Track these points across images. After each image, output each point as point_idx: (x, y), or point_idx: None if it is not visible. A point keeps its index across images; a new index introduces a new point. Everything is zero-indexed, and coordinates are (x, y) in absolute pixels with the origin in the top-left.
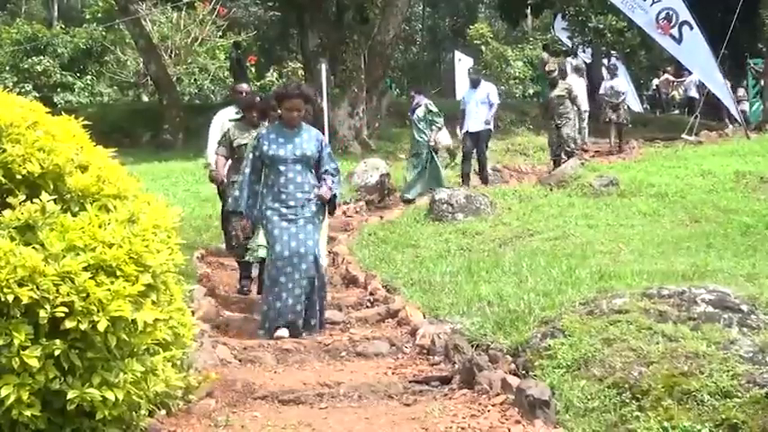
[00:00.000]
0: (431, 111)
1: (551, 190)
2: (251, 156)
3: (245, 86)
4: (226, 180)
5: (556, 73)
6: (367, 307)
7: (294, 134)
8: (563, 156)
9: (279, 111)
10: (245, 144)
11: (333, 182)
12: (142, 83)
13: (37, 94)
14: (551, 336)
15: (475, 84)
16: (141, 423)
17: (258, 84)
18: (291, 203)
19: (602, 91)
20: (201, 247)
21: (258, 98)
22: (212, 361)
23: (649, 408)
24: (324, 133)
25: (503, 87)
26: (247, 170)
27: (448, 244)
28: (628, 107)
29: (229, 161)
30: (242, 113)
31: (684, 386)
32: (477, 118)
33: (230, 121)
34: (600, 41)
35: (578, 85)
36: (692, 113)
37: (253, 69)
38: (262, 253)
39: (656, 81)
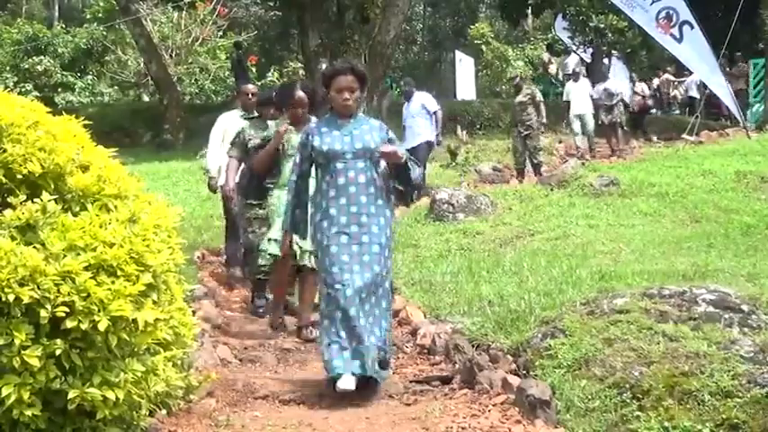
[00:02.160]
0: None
1: (552, 190)
2: (297, 158)
3: (251, 87)
4: (233, 189)
5: (518, 79)
6: None
7: (351, 125)
8: (530, 167)
9: (327, 95)
10: (261, 146)
11: (416, 164)
12: (143, 83)
13: (38, 94)
14: (552, 336)
15: (408, 96)
16: (142, 423)
17: (259, 84)
18: (354, 210)
19: (595, 95)
20: (203, 246)
21: (274, 92)
22: (213, 361)
23: (650, 408)
24: None
25: (504, 87)
26: (294, 177)
27: (448, 244)
28: (623, 107)
29: (242, 166)
30: (254, 114)
31: (685, 386)
32: (412, 132)
33: (244, 119)
34: (601, 41)
35: (576, 90)
36: (692, 113)
37: (254, 69)
38: (274, 249)
39: (656, 81)
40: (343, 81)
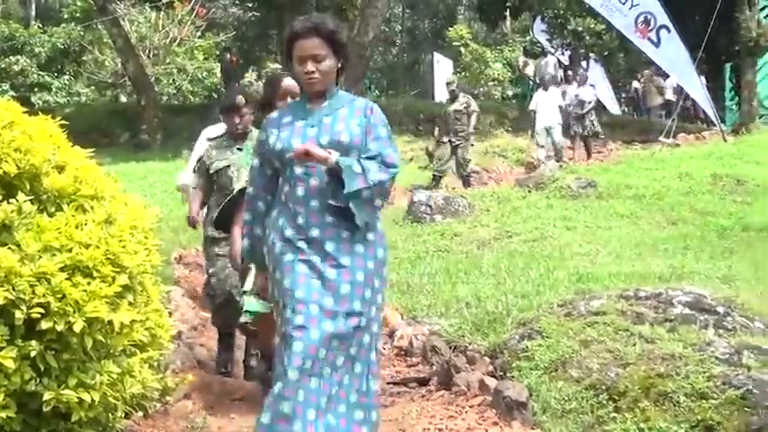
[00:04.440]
0: None
1: (530, 192)
2: (255, 162)
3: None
4: (196, 223)
5: (454, 86)
6: None
7: (323, 110)
8: (461, 178)
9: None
10: (227, 167)
11: (365, 167)
12: (120, 83)
13: (14, 94)
14: (529, 337)
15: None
16: (118, 425)
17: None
18: (315, 234)
19: (567, 101)
20: (180, 248)
21: (235, 96)
22: (189, 362)
23: (626, 409)
24: None
25: (482, 89)
26: (251, 189)
27: (426, 245)
28: (595, 117)
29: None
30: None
31: (661, 387)
32: None
33: (208, 140)
34: (578, 44)
35: (544, 100)
36: (669, 116)
37: (234, 70)
38: (253, 305)
39: (635, 84)
40: (304, 47)
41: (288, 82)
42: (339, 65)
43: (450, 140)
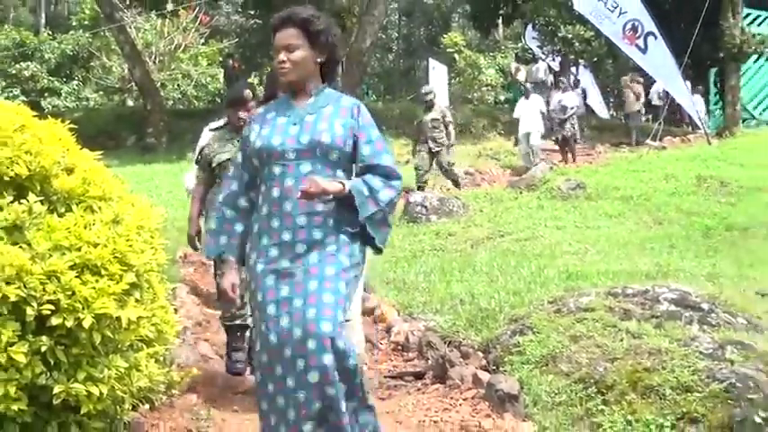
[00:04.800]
0: None
1: (521, 193)
2: (239, 157)
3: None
4: (198, 220)
5: (431, 96)
6: None
7: (307, 107)
8: (451, 181)
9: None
10: (228, 159)
11: (373, 187)
12: (127, 88)
13: (25, 99)
14: (521, 333)
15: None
16: (125, 417)
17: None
18: (287, 238)
19: (551, 106)
20: (185, 247)
21: (243, 89)
22: (194, 357)
23: (614, 402)
24: None
25: (475, 94)
26: (233, 185)
27: (422, 244)
28: (576, 122)
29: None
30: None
31: (647, 381)
32: None
33: (211, 130)
34: (568, 50)
35: (526, 108)
36: (656, 120)
37: (237, 76)
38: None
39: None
40: (279, 37)
41: None
42: (321, 59)
43: (429, 148)
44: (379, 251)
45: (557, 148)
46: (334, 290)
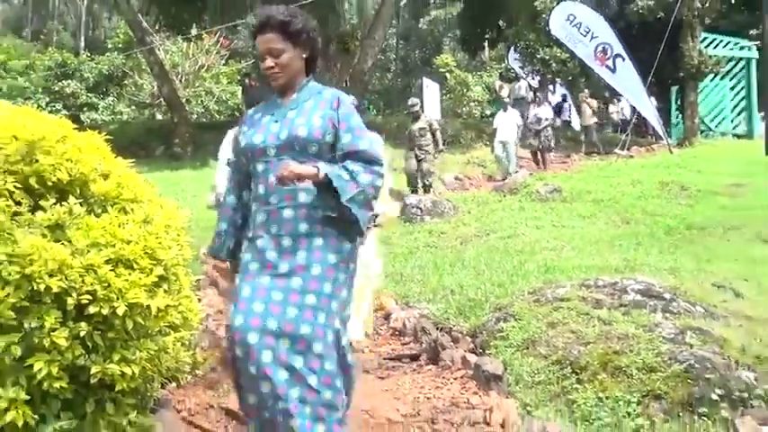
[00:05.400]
0: None
1: (505, 196)
2: (232, 158)
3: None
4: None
5: (417, 107)
6: None
7: (290, 104)
8: (420, 189)
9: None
10: None
11: (352, 171)
12: (156, 103)
13: (66, 113)
14: (504, 320)
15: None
16: (155, 393)
17: None
18: (274, 231)
19: (528, 119)
20: (206, 244)
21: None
22: (215, 341)
23: (587, 381)
24: None
25: (464, 109)
26: (230, 185)
27: (417, 242)
28: (551, 132)
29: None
30: None
31: (616, 362)
32: None
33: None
34: (546, 70)
35: (504, 120)
36: (623, 132)
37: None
38: None
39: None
40: (261, 42)
41: None
42: (305, 55)
43: (415, 155)
44: (359, 236)
45: (530, 156)
46: (318, 291)
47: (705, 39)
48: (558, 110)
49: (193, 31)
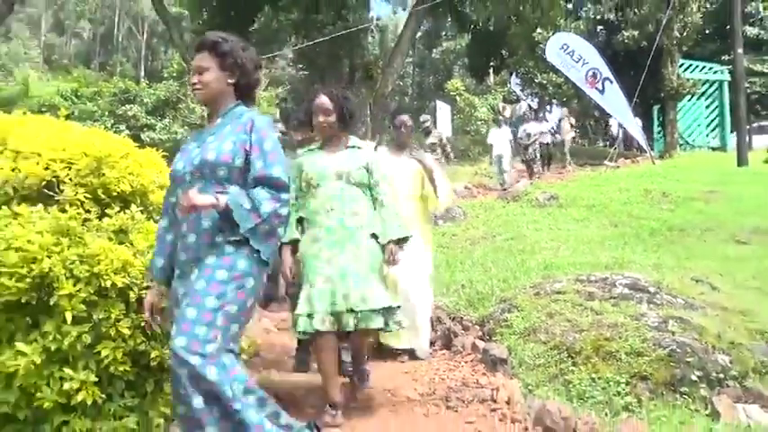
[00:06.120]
0: None
1: (508, 203)
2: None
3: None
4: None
5: (428, 123)
6: None
7: (209, 130)
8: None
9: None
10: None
11: (255, 199)
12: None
13: (128, 133)
14: (508, 311)
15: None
16: None
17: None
18: (183, 258)
19: (519, 135)
20: None
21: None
22: (258, 330)
23: (581, 364)
24: None
25: (472, 127)
26: (166, 211)
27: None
28: (539, 147)
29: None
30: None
31: (607, 348)
32: None
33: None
34: (544, 92)
35: (497, 135)
36: (612, 146)
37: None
38: (305, 325)
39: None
40: (194, 62)
41: (320, 99)
42: (232, 80)
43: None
44: (265, 264)
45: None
46: (199, 305)
47: (683, 64)
48: (557, 128)
49: None
